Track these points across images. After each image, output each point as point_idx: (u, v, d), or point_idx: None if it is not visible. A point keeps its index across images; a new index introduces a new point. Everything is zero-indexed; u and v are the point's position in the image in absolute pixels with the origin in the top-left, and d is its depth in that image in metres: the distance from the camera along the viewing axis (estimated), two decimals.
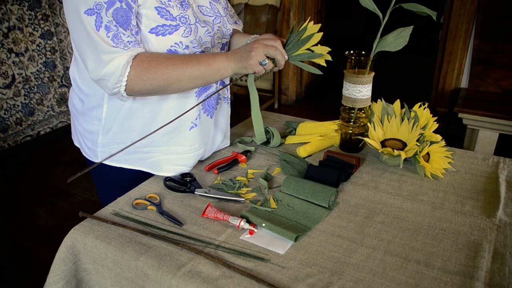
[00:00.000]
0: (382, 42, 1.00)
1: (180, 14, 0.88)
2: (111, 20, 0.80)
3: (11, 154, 2.89)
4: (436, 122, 1.08)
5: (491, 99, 2.53)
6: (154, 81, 0.84)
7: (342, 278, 0.70)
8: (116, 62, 0.81)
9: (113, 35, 0.80)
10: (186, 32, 0.89)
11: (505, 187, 0.96)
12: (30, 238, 2.07)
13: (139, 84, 0.84)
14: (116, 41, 0.81)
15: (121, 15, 0.81)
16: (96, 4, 0.79)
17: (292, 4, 3.35)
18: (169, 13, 0.86)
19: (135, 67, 0.83)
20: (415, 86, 4.19)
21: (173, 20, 0.87)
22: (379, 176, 1.02)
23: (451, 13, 2.68)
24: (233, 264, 0.73)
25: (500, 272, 0.71)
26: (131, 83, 0.84)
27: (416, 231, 0.82)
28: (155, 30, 0.86)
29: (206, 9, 0.98)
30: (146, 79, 0.84)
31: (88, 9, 0.79)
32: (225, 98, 1.11)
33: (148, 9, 0.85)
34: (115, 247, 0.78)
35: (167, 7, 0.86)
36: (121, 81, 0.83)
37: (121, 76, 0.82)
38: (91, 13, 0.79)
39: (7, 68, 2.80)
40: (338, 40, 5.45)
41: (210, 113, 1.04)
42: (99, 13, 0.79)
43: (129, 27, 0.83)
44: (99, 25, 0.79)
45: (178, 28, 0.88)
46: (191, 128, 0.99)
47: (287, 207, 0.89)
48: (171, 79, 0.85)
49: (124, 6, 0.81)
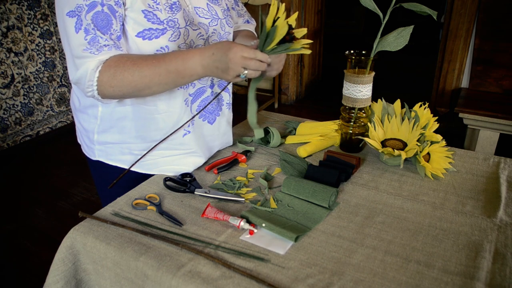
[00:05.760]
0: (383, 41, 1.00)
1: (168, 17, 0.87)
2: (90, 23, 0.79)
3: (11, 154, 2.89)
4: (437, 122, 1.08)
5: (492, 99, 2.52)
6: (122, 88, 0.83)
7: (343, 278, 0.70)
8: (85, 67, 0.80)
9: (91, 38, 0.79)
10: (173, 36, 0.88)
11: (506, 187, 0.96)
12: (29, 238, 2.07)
13: (109, 90, 0.83)
14: (92, 44, 0.80)
15: (101, 18, 0.80)
16: (77, 6, 0.78)
17: (292, 3, 3.35)
18: (156, 17, 0.85)
19: (103, 72, 0.81)
20: (416, 86, 4.19)
21: (160, 24, 0.86)
22: (379, 176, 1.02)
23: (452, 13, 2.67)
24: (233, 265, 0.73)
25: (501, 273, 0.71)
26: (101, 88, 0.82)
27: (417, 231, 0.82)
28: (142, 34, 0.86)
29: (203, 11, 0.96)
30: (114, 86, 0.82)
31: (70, 11, 0.79)
32: (227, 104, 1.09)
33: (135, 12, 0.84)
34: (114, 247, 0.78)
35: (155, 11, 0.85)
36: (91, 86, 0.82)
37: (90, 81, 0.81)
38: (72, 15, 0.79)
39: (6, 67, 2.79)
40: (338, 39, 5.45)
41: (210, 119, 1.03)
42: (79, 16, 0.79)
43: (109, 31, 0.81)
44: (79, 28, 0.79)
45: (165, 32, 0.86)
46: (184, 134, 0.99)
47: (287, 207, 0.89)
48: (140, 86, 0.83)
49: (105, 10, 0.80)
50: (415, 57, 5.02)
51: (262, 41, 0.84)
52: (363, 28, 6.16)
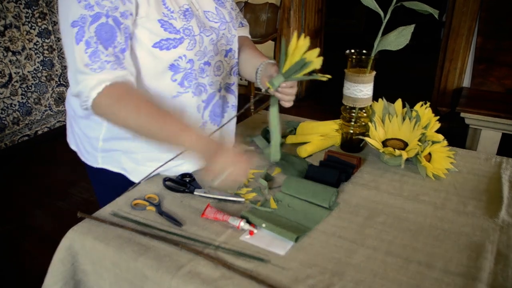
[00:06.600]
0: (383, 41, 0.99)
1: (184, 25, 0.86)
2: (93, 36, 0.76)
3: (8, 154, 2.88)
4: (438, 122, 1.07)
5: (494, 98, 2.51)
6: (111, 118, 0.81)
7: (343, 279, 0.69)
8: (85, 84, 0.78)
9: (92, 52, 0.77)
10: (190, 45, 0.87)
11: (508, 187, 0.95)
12: (27, 239, 2.06)
13: (99, 112, 0.81)
14: (93, 59, 0.77)
15: (105, 31, 0.77)
16: (81, 17, 0.76)
17: (292, 2, 3.34)
18: (172, 26, 0.84)
19: (103, 96, 0.78)
20: (417, 85, 4.17)
21: (177, 33, 0.85)
22: (380, 176, 1.01)
23: (454, 11, 2.66)
24: (233, 265, 0.72)
25: (503, 274, 0.70)
26: (95, 108, 0.80)
27: (418, 231, 0.81)
28: (159, 44, 0.84)
29: (212, 15, 0.95)
30: (106, 114, 0.81)
31: (73, 20, 0.76)
32: (233, 106, 1.08)
33: (151, 22, 0.82)
34: (114, 247, 0.78)
35: (170, 19, 0.84)
36: (86, 102, 0.80)
37: (86, 97, 0.79)
38: (75, 25, 0.76)
39: (4, 67, 2.78)
40: (339, 39, 5.44)
41: (216, 121, 1.03)
42: (82, 27, 0.76)
43: (112, 45, 0.79)
44: (80, 39, 0.76)
45: (183, 41, 0.86)
46: None
47: (287, 208, 0.88)
48: (127, 128, 0.82)
49: (110, 22, 0.78)
50: (416, 56, 5.01)
51: (282, 66, 0.86)
52: (363, 27, 6.15)
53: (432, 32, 5.17)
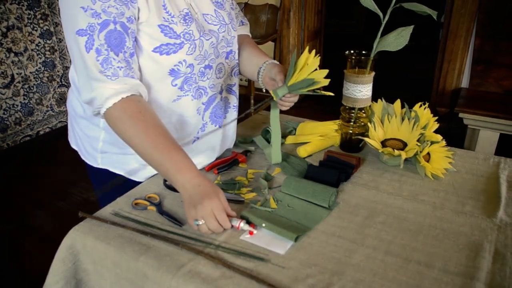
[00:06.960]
0: (383, 41, 0.99)
1: (184, 30, 0.86)
2: (103, 44, 0.77)
3: (10, 154, 2.88)
4: (437, 122, 1.07)
5: (492, 99, 2.52)
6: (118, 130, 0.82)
7: (343, 278, 0.70)
8: (100, 92, 0.79)
9: (103, 59, 0.77)
10: (190, 50, 0.87)
11: (506, 187, 0.96)
12: (29, 238, 2.07)
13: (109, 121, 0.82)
14: (105, 66, 0.78)
15: (115, 37, 0.78)
16: (89, 26, 0.76)
17: (292, 3, 3.35)
18: (172, 31, 0.84)
19: (117, 108, 0.80)
20: (416, 86, 4.18)
21: (177, 38, 0.85)
22: (379, 176, 1.02)
23: (452, 12, 2.67)
24: (233, 265, 0.73)
25: (501, 273, 0.71)
26: (106, 116, 0.82)
27: (417, 231, 0.82)
28: (159, 49, 0.84)
29: (211, 17, 0.95)
30: (115, 125, 0.82)
31: (80, 29, 0.76)
32: (234, 107, 1.08)
33: (152, 27, 0.82)
34: (114, 247, 0.78)
35: (171, 24, 0.84)
36: (99, 109, 0.81)
37: (100, 105, 0.80)
38: (83, 34, 0.76)
39: (6, 67, 2.79)
40: (339, 40, 5.44)
41: (217, 123, 1.03)
42: (91, 35, 0.76)
43: (122, 50, 0.79)
44: (90, 47, 0.77)
45: (183, 46, 0.86)
46: (194, 141, 0.99)
47: (287, 207, 0.89)
48: (131, 144, 0.82)
49: (118, 28, 0.78)
50: (415, 57, 5.02)
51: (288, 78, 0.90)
52: (363, 28, 6.15)
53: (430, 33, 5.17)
